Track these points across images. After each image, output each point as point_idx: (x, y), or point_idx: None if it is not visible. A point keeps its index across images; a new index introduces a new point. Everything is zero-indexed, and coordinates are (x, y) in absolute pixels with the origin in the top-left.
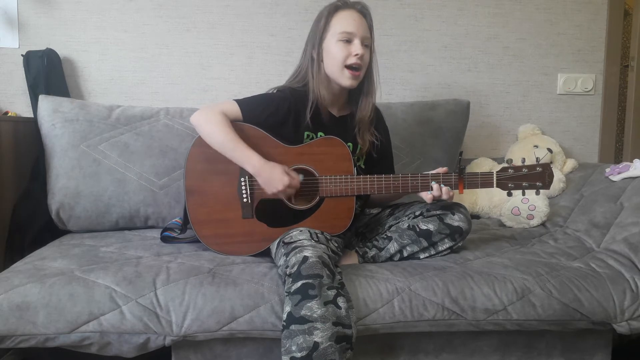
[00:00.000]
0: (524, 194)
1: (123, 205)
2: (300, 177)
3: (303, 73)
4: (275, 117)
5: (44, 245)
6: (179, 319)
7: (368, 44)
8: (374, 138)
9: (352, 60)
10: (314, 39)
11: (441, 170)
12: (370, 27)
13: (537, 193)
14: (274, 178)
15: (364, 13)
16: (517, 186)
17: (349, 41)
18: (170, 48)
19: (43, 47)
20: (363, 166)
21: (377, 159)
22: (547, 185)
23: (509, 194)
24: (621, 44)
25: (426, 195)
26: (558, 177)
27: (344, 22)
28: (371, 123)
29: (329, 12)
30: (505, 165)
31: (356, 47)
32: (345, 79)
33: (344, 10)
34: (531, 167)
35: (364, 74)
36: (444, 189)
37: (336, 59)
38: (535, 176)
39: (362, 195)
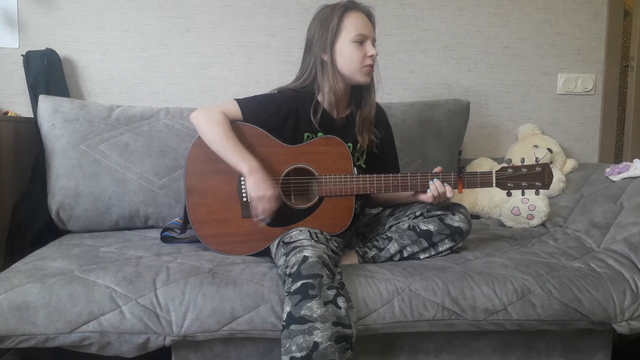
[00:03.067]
0: (523, 193)
1: (123, 205)
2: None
3: (307, 75)
4: (275, 118)
5: (44, 245)
6: (179, 319)
7: (374, 44)
8: (374, 136)
9: (368, 62)
10: (324, 42)
11: (437, 170)
12: (374, 28)
13: (537, 193)
14: (265, 185)
15: (369, 15)
16: (516, 186)
17: (361, 42)
18: (170, 48)
19: (43, 47)
20: (364, 165)
21: (380, 159)
22: (546, 185)
23: (509, 194)
24: (621, 44)
25: (426, 195)
26: (558, 177)
27: (357, 24)
28: (372, 121)
29: (341, 14)
30: (505, 165)
31: (370, 49)
32: (363, 76)
33: (354, 12)
34: (530, 167)
35: None
36: (447, 187)
37: (354, 61)
38: (535, 176)
39: (361, 195)
